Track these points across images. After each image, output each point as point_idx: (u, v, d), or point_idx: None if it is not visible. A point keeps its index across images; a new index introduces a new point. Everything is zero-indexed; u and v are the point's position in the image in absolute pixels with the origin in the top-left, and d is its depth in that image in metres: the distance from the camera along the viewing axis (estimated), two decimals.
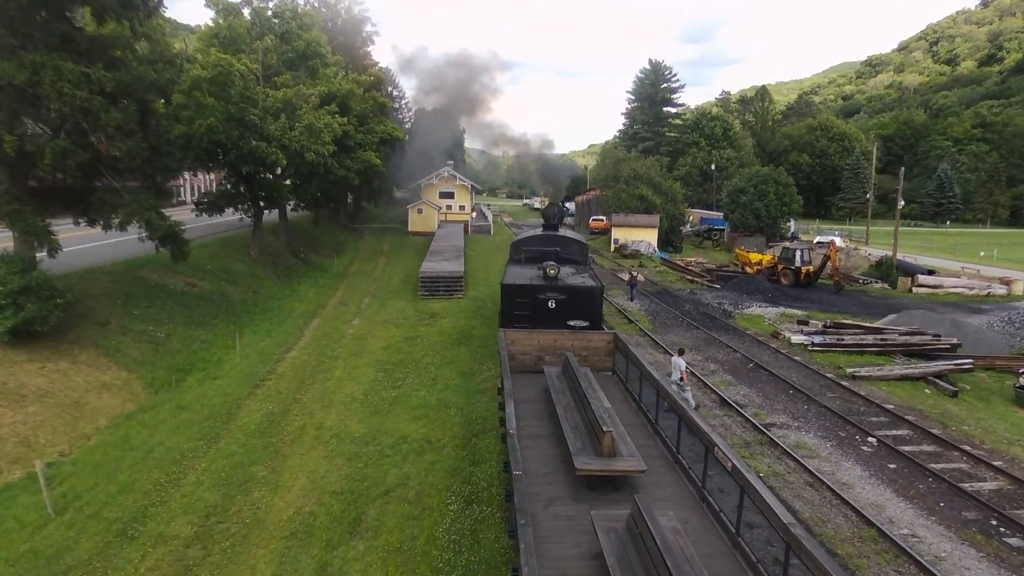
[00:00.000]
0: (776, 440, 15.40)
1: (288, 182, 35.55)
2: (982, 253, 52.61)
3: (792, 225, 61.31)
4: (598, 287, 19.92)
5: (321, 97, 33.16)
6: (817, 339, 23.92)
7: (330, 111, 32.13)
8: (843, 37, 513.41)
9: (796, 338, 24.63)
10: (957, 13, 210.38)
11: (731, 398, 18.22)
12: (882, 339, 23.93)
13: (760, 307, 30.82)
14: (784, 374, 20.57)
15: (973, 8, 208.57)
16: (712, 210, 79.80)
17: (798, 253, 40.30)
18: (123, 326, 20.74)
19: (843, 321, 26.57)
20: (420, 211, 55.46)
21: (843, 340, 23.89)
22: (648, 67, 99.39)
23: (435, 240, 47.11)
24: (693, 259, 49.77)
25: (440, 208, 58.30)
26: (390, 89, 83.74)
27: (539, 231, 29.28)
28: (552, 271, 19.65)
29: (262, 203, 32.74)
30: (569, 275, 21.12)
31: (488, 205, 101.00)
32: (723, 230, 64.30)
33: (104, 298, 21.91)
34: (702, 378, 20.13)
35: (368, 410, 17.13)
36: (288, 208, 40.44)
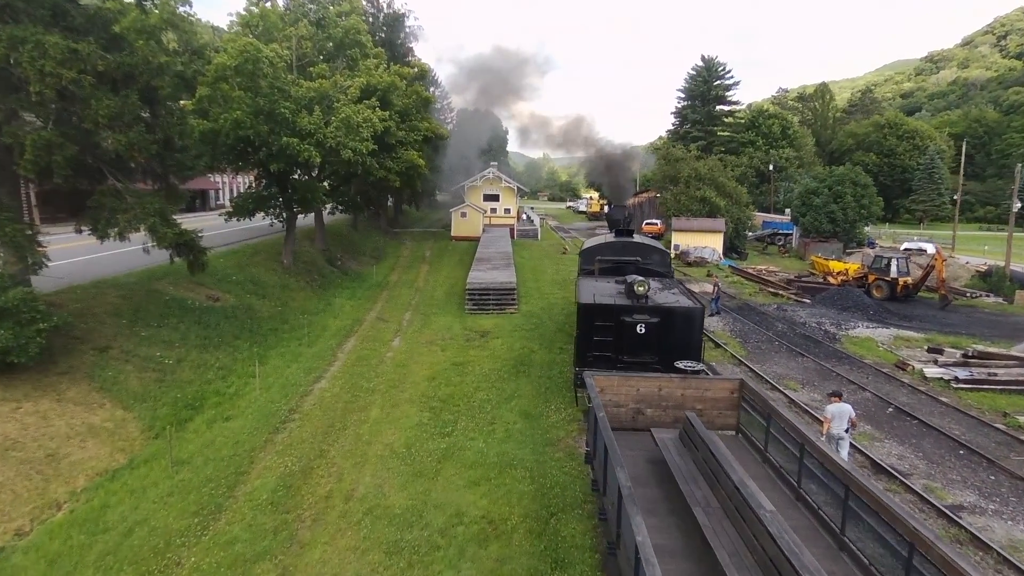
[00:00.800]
0: (977, 534, 10.99)
1: (324, 183, 32.29)
2: None
3: (867, 231, 55.57)
4: (698, 308, 15.88)
5: (360, 90, 29.81)
6: (962, 373, 19.18)
7: (370, 105, 28.73)
8: (897, 34, 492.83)
9: (931, 371, 19.92)
10: None
11: (884, 461, 13.80)
12: None
13: (867, 327, 26.04)
14: (939, 423, 16.00)
15: None
16: (769, 212, 74.30)
17: (894, 262, 35.15)
18: (126, 351, 17.50)
19: (988, 349, 21.67)
20: (464, 215, 51.92)
21: (996, 375, 19.10)
22: (701, 64, 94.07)
23: (481, 246, 43.42)
24: (764, 267, 44.82)
25: (484, 211, 54.67)
26: (432, 89, 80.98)
27: (610, 237, 24.91)
28: (640, 288, 15.78)
29: (295, 206, 29.49)
30: (659, 292, 17.28)
31: (532, 208, 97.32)
32: (789, 235, 58.99)
33: (109, 317, 18.76)
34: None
35: (412, 470, 13.34)
36: (324, 212, 37.25)
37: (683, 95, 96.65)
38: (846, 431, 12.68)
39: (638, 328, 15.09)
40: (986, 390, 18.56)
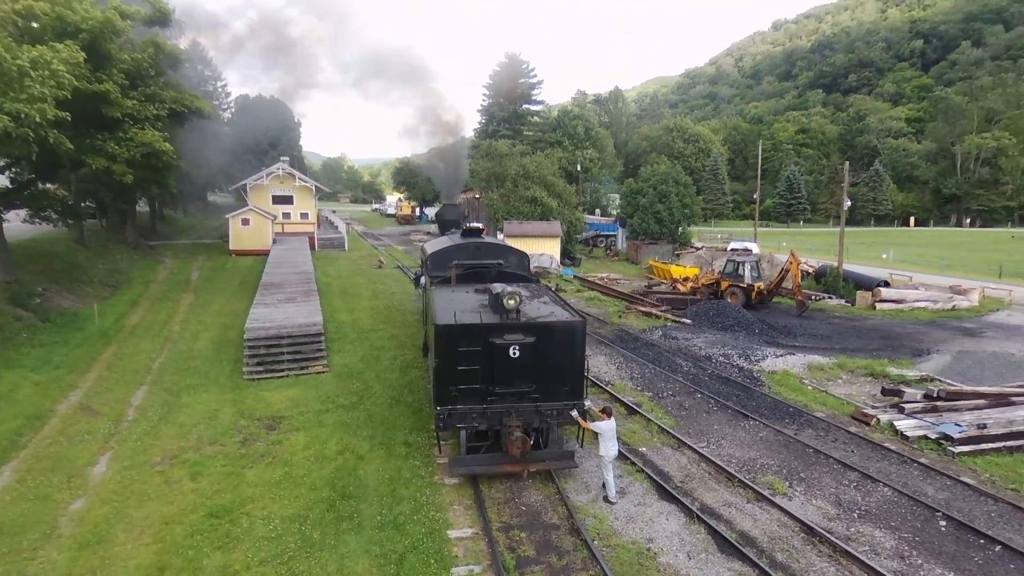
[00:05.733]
0: None
1: None
2: (884, 255, 48.71)
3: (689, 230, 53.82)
4: (579, 321, 12.34)
5: (47, 28, 17.36)
6: (951, 429, 13.92)
7: (67, 51, 16.58)
8: (656, 54, 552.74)
9: (903, 424, 14.54)
10: (755, 34, 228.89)
11: None
12: None
13: (772, 354, 20.70)
14: (1011, 538, 10.07)
15: (766, 31, 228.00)
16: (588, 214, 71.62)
17: (747, 267, 31.47)
18: None
19: (953, 388, 17.03)
20: (246, 221, 39.29)
21: (987, 427, 14.16)
22: (505, 60, 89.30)
23: (270, 264, 31.92)
24: (606, 275, 39.59)
25: (274, 217, 42.47)
26: (201, 68, 65.03)
27: (458, 238, 19.52)
28: (511, 300, 11.90)
29: None
30: (530, 303, 13.23)
31: (333, 211, 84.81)
32: (612, 236, 55.56)
33: None
34: (861, 556, 9.04)
35: None
36: (14, 219, 23.25)
37: (488, 93, 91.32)
38: None
39: (511, 351, 11.51)
40: (990, 452, 13.47)
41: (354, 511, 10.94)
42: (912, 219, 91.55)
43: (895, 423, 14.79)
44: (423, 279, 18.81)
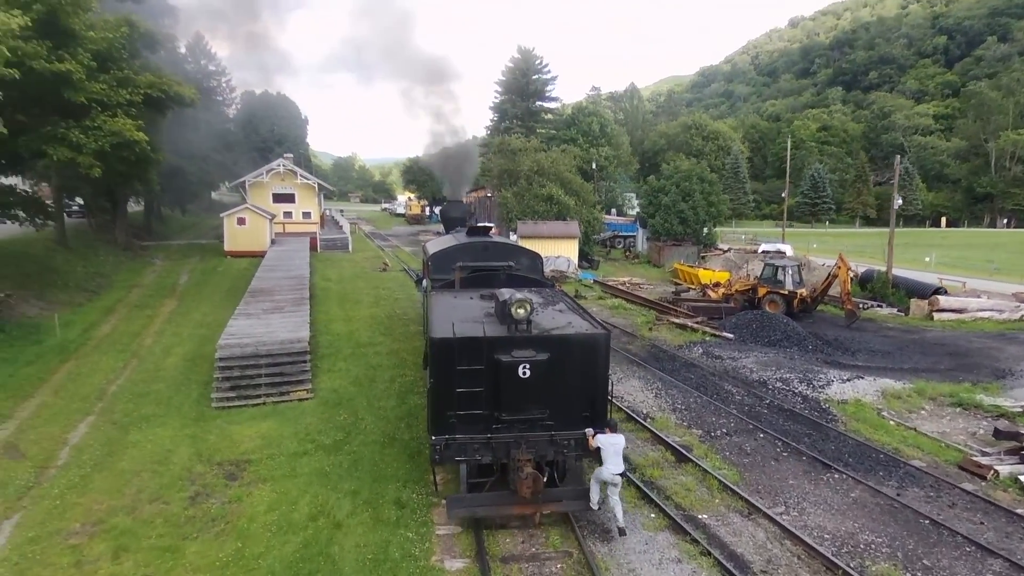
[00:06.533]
0: None
1: None
2: (927, 259, 45.03)
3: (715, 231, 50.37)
4: (603, 334, 10.08)
5: None
6: None
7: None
8: (670, 53, 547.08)
9: None
10: (771, 31, 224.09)
11: None
12: None
13: (837, 378, 17.40)
14: None
15: (783, 27, 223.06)
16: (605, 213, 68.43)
17: (788, 272, 28.15)
18: None
19: None
20: (242, 221, 36.51)
21: None
22: (518, 55, 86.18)
23: (262, 268, 29.05)
24: (627, 279, 36.37)
25: (273, 217, 39.67)
26: (204, 62, 62.54)
27: (463, 237, 16.95)
28: (521, 309, 9.68)
29: None
30: (543, 312, 11.06)
31: (341, 211, 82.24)
32: (631, 237, 52.30)
33: None
34: None
35: None
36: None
37: (500, 89, 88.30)
38: (621, 474, 9.39)
39: (520, 370, 9.36)
40: None
41: None
42: (944, 219, 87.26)
43: (1021, 478, 11.53)
44: (424, 282, 16.34)
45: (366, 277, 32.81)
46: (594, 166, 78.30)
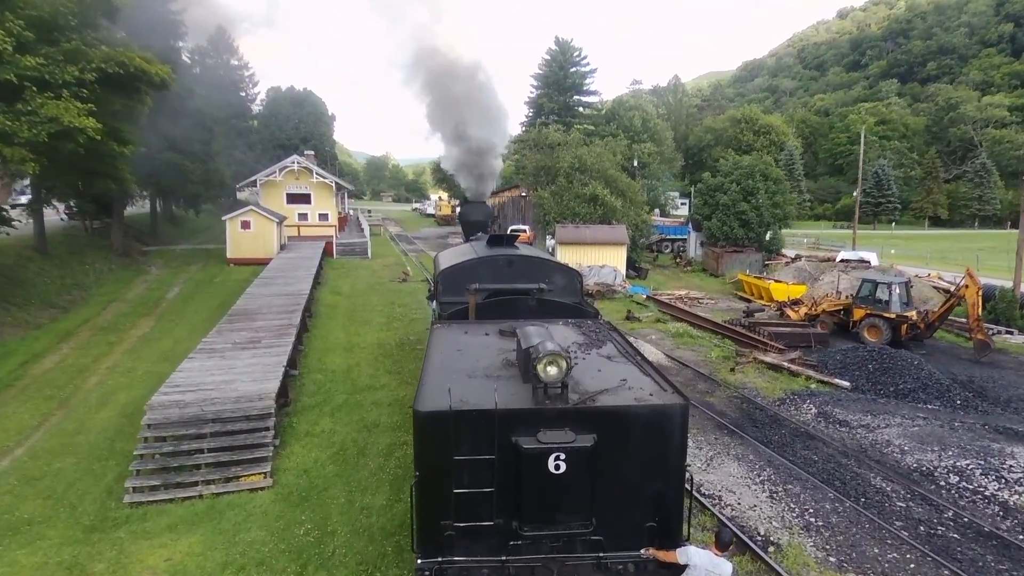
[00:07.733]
0: None
1: None
2: None
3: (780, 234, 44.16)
4: (678, 406, 6.15)
5: None
6: None
7: None
8: (709, 47, 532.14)
9: None
10: (818, 23, 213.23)
11: None
12: None
13: None
14: None
15: (831, 19, 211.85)
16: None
17: (895, 291, 22.34)
18: None
19: None
20: (246, 225, 32.27)
21: None
22: (555, 47, 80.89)
23: (259, 279, 24.60)
24: (683, 292, 30.85)
25: (283, 220, 35.39)
26: (227, 57, 59.20)
27: (481, 249, 12.74)
28: (553, 367, 5.88)
29: None
30: (590, 367, 7.00)
31: (369, 212, 78.36)
32: (681, 241, 46.63)
33: None
34: None
35: None
36: None
37: (537, 83, 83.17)
38: None
39: (552, 463, 5.86)
40: None
41: None
42: None
43: None
44: (433, 305, 12.14)
45: (382, 289, 28.20)
46: (635, 163, 72.44)
